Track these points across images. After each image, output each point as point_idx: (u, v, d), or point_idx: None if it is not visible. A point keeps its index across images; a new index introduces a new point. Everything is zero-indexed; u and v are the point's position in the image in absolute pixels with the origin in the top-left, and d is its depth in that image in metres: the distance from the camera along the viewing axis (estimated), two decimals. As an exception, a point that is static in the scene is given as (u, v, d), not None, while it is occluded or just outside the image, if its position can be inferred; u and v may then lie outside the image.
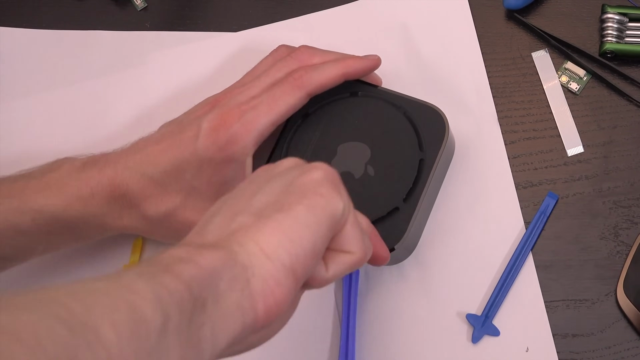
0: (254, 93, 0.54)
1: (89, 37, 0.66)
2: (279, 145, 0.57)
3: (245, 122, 0.52)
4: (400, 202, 0.54)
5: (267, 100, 0.53)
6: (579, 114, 0.61)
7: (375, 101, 0.57)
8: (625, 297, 0.57)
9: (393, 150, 0.56)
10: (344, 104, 0.57)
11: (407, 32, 0.63)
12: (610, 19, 0.61)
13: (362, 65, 0.56)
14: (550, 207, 0.59)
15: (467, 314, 0.57)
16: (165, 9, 0.67)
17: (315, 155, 0.56)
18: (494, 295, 0.57)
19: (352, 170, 0.56)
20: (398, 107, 0.56)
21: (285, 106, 0.53)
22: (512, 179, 0.60)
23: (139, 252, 0.60)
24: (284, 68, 0.55)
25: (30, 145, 0.63)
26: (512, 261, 0.58)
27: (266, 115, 0.53)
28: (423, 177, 0.55)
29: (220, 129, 0.52)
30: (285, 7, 0.66)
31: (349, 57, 0.56)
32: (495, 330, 0.57)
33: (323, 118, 0.57)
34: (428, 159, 0.55)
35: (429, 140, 0.55)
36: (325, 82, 0.54)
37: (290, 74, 0.54)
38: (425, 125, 0.56)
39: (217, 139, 0.52)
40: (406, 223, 0.54)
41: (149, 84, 0.64)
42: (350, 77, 0.56)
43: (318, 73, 0.54)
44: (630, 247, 0.58)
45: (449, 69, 0.62)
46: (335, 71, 0.55)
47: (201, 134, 0.52)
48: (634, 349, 0.57)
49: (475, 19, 0.64)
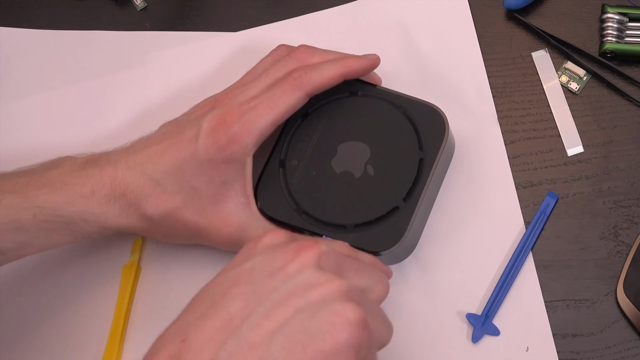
0: (254, 93, 0.54)
1: (88, 37, 0.66)
2: (279, 144, 0.57)
3: (246, 122, 0.52)
4: (400, 202, 0.54)
5: (267, 100, 0.53)
6: (579, 113, 0.61)
7: (375, 100, 0.57)
8: (625, 297, 0.57)
9: (393, 150, 0.55)
10: (344, 104, 0.57)
11: (407, 32, 0.63)
12: (610, 19, 0.61)
13: (361, 65, 0.56)
14: (551, 206, 0.59)
15: (467, 313, 0.57)
16: (165, 9, 0.67)
17: (315, 154, 0.56)
18: (494, 295, 0.57)
19: (352, 169, 0.56)
20: (398, 106, 0.56)
21: (285, 106, 0.53)
22: (512, 179, 0.60)
23: (138, 252, 0.60)
24: (283, 68, 0.55)
25: (30, 145, 0.63)
26: (512, 261, 0.58)
27: (266, 115, 0.53)
28: (423, 177, 0.55)
29: (220, 129, 0.52)
30: (285, 7, 0.66)
31: (348, 57, 0.56)
32: (495, 330, 0.57)
33: (323, 117, 0.57)
34: (428, 158, 0.55)
35: (429, 139, 0.55)
36: (324, 82, 0.54)
37: (289, 73, 0.54)
38: (425, 124, 0.56)
39: (217, 139, 0.52)
40: (406, 223, 0.54)
41: (148, 84, 0.64)
42: (349, 77, 0.56)
43: (317, 73, 0.54)
44: (630, 247, 0.58)
45: (449, 68, 0.62)
46: (335, 71, 0.55)
47: (201, 134, 0.52)
48: (634, 349, 0.57)
49: (475, 19, 0.64)
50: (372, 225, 0.54)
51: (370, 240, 0.54)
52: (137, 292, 0.60)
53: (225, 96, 0.55)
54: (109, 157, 0.54)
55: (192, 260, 0.60)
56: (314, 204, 0.55)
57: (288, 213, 0.55)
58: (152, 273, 0.60)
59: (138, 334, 0.59)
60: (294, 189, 0.56)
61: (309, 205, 0.55)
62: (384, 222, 0.54)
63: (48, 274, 0.60)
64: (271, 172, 0.56)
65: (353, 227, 0.54)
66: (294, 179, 0.56)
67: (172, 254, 0.60)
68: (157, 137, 0.55)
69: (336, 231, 0.54)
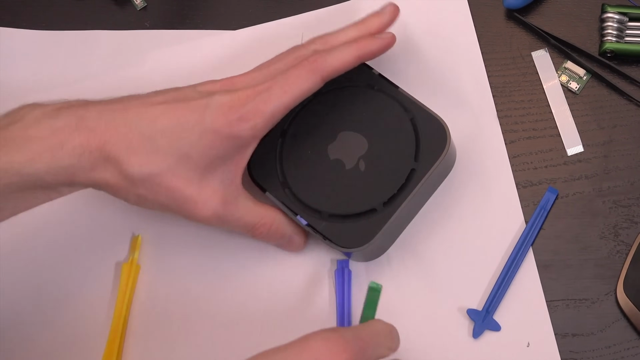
0: (268, 76, 0.54)
1: (88, 37, 0.66)
2: (286, 116, 0.55)
3: (259, 102, 0.51)
4: (379, 205, 0.54)
5: (281, 83, 0.52)
6: (579, 113, 0.61)
7: (387, 98, 0.57)
8: (625, 297, 0.57)
9: (389, 152, 0.55)
10: (358, 94, 0.57)
11: (406, 30, 0.63)
12: (610, 19, 0.61)
13: (376, 46, 0.55)
14: (551, 202, 0.59)
15: (468, 309, 0.57)
16: (165, 8, 0.67)
17: (316, 134, 0.56)
18: (495, 291, 0.57)
19: (345, 159, 0.56)
20: (407, 110, 0.56)
21: (299, 90, 0.53)
22: (512, 176, 0.60)
23: (137, 250, 0.60)
24: (299, 55, 0.55)
25: None
26: (513, 256, 0.58)
27: (280, 97, 0.52)
28: (409, 187, 0.54)
29: (233, 106, 0.51)
30: (286, 7, 0.66)
31: (363, 39, 0.55)
32: (496, 325, 0.57)
33: (334, 101, 0.57)
34: (419, 170, 0.55)
35: (427, 152, 0.55)
36: (340, 66, 0.54)
37: (305, 58, 0.54)
38: (427, 136, 0.55)
39: (228, 114, 0.51)
40: (379, 227, 0.54)
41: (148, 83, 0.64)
42: (365, 59, 0.55)
43: (333, 57, 0.54)
44: (630, 247, 0.58)
45: (448, 67, 0.62)
46: (350, 54, 0.54)
47: (212, 105, 0.51)
48: (634, 349, 0.57)
49: (475, 19, 0.64)
50: (346, 220, 0.54)
51: (340, 235, 0.54)
52: (136, 290, 0.60)
53: (237, 79, 0.54)
54: (88, 107, 0.50)
55: (192, 257, 0.60)
56: (299, 183, 0.55)
57: (273, 184, 0.56)
58: (152, 271, 0.60)
59: (138, 332, 0.59)
60: (285, 162, 0.56)
61: (293, 182, 0.56)
62: (358, 220, 0.54)
63: (46, 273, 0.60)
64: (271, 139, 0.56)
65: (327, 216, 0.55)
66: (289, 152, 0.56)
67: (172, 251, 0.60)
68: (156, 99, 0.52)
69: (311, 215, 0.55)
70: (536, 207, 0.59)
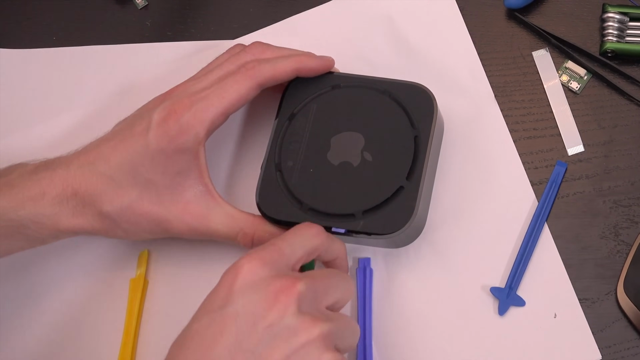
0: (205, 84, 0.54)
1: (84, 52, 0.65)
2: (271, 149, 0.57)
3: (197, 111, 0.52)
4: (403, 181, 0.55)
5: (218, 90, 0.53)
6: (580, 113, 0.61)
7: (359, 89, 0.57)
8: (626, 297, 0.57)
9: (386, 133, 0.56)
10: (329, 98, 0.58)
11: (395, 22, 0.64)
12: (611, 18, 0.61)
13: (315, 63, 0.57)
14: (561, 175, 0.59)
15: (490, 287, 0.57)
16: (166, 7, 0.67)
17: (310, 152, 0.56)
18: (515, 267, 0.57)
19: (350, 159, 0.56)
20: (382, 91, 0.57)
21: (236, 95, 0.53)
22: (518, 155, 0.60)
23: (145, 264, 0.60)
24: (236, 62, 0.56)
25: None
26: (529, 231, 0.58)
27: (217, 104, 0.53)
28: (421, 153, 0.55)
29: (171, 119, 0.52)
30: (286, 6, 0.66)
31: (302, 54, 0.57)
32: (520, 301, 0.57)
33: (310, 115, 0.57)
34: (422, 134, 0.55)
35: (419, 116, 0.56)
36: (276, 74, 0.55)
37: (242, 65, 0.55)
38: (413, 103, 0.56)
39: (167, 130, 0.52)
40: (413, 200, 0.54)
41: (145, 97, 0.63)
42: (302, 74, 0.56)
43: (270, 65, 0.55)
44: (631, 247, 0.58)
45: (439, 54, 0.63)
46: (287, 65, 0.55)
47: (152, 126, 0.52)
48: (634, 349, 0.57)
49: (475, 18, 0.64)
50: (380, 209, 0.54)
51: (381, 224, 0.54)
52: (145, 304, 0.59)
53: (176, 89, 0.55)
54: (61, 160, 0.54)
55: (199, 271, 0.59)
56: (318, 199, 0.55)
57: (293, 213, 0.55)
58: (160, 285, 0.60)
59: (148, 347, 0.58)
60: (294, 189, 0.56)
61: (313, 202, 0.55)
62: (391, 203, 0.54)
63: (53, 291, 0.60)
64: (269, 177, 0.56)
65: (362, 214, 0.54)
66: (293, 179, 0.56)
67: (179, 265, 0.60)
68: (109, 135, 0.55)
69: (345, 221, 0.54)
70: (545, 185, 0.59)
